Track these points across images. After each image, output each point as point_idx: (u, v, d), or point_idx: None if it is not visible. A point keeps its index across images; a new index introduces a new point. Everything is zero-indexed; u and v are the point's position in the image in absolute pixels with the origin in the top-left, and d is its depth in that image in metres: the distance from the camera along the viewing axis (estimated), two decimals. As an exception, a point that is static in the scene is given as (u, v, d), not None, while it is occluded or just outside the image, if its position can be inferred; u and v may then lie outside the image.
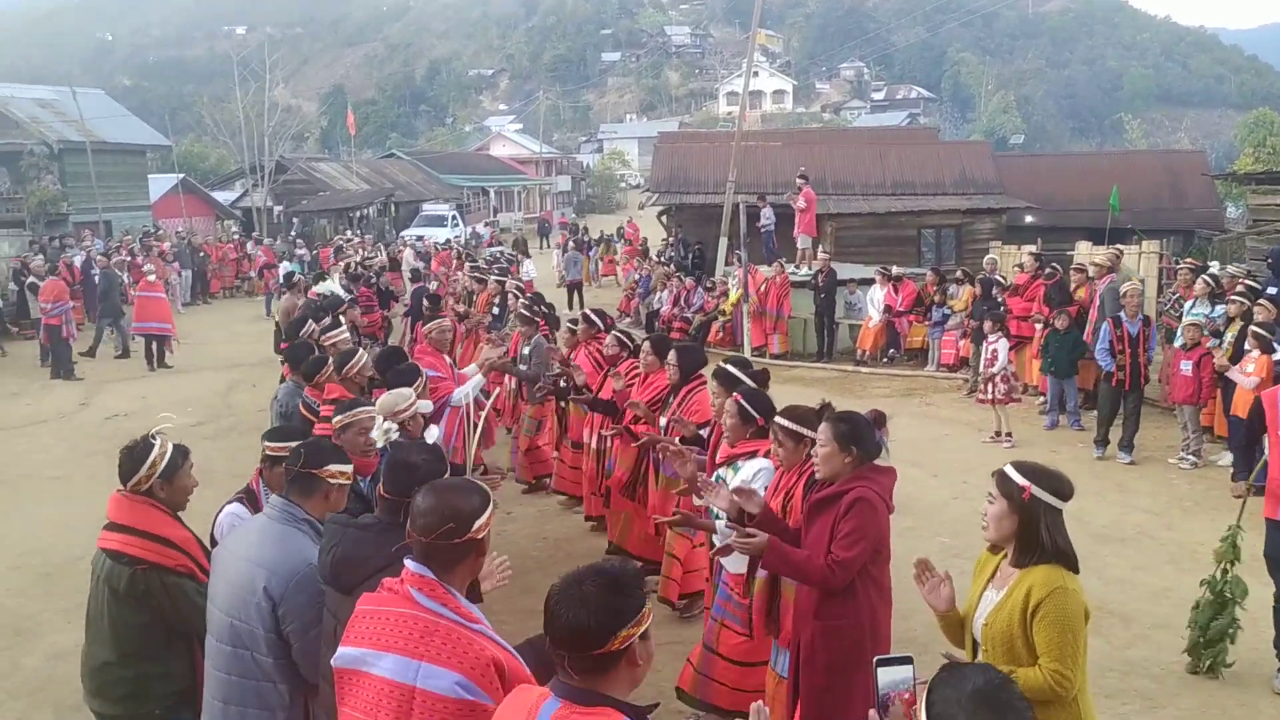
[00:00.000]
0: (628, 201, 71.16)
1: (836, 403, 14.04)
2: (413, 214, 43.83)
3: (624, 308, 24.06)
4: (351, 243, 28.62)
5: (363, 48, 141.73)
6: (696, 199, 25.67)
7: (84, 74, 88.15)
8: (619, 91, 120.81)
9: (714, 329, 18.87)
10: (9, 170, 33.36)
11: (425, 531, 2.70)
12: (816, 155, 26.68)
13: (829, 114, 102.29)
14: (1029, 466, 3.43)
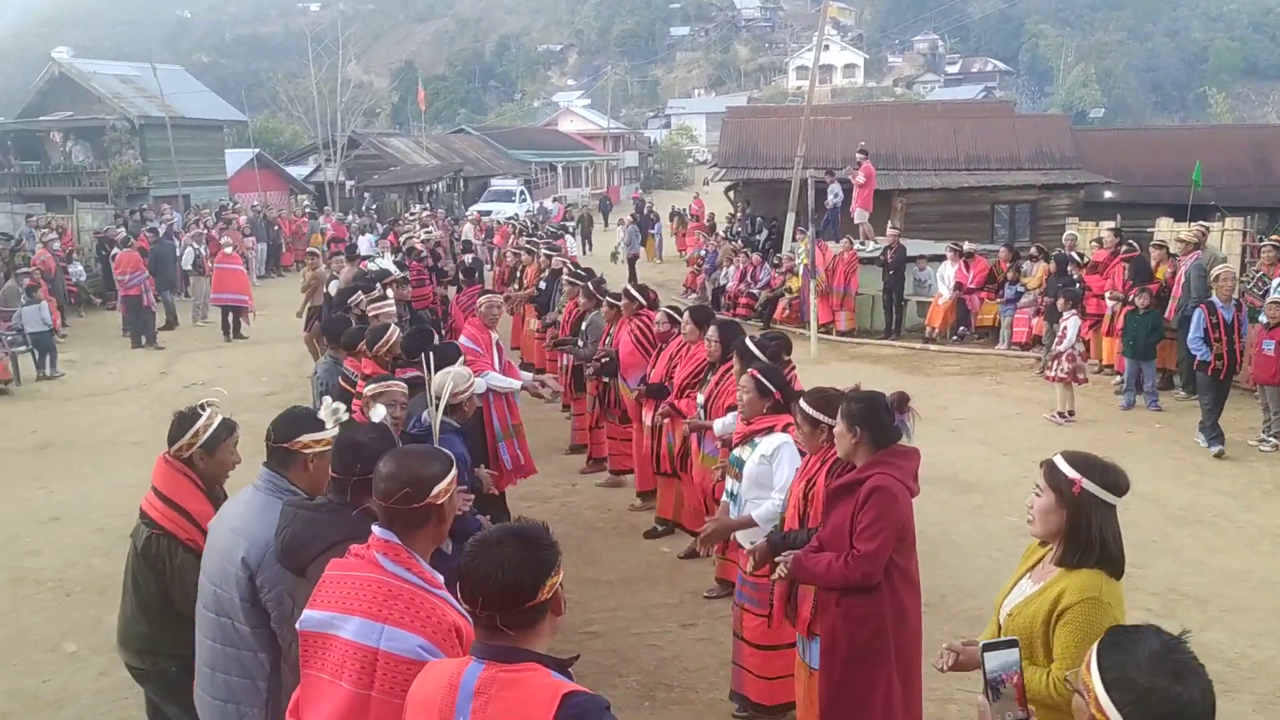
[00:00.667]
0: (694, 177, 70.84)
1: (903, 381, 13.94)
2: (481, 189, 44.14)
3: (690, 284, 24.00)
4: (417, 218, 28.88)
5: (433, 23, 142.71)
6: (764, 174, 25.44)
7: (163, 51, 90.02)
8: (687, 66, 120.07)
9: (780, 305, 18.73)
10: (92, 145, 34.32)
11: (385, 496, 2.76)
12: (887, 130, 26.26)
13: (901, 88, 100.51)
14: (1081, 457, 3.22)
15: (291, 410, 3.77)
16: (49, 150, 35.00)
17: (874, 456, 4.03)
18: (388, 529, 2.76)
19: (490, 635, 2.29)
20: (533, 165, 52.36)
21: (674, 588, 7.20)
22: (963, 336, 16.55)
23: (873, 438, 4.04)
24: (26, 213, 28.30)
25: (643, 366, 8.18)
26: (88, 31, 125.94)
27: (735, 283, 20.27)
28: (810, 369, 14.97)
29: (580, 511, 8.77)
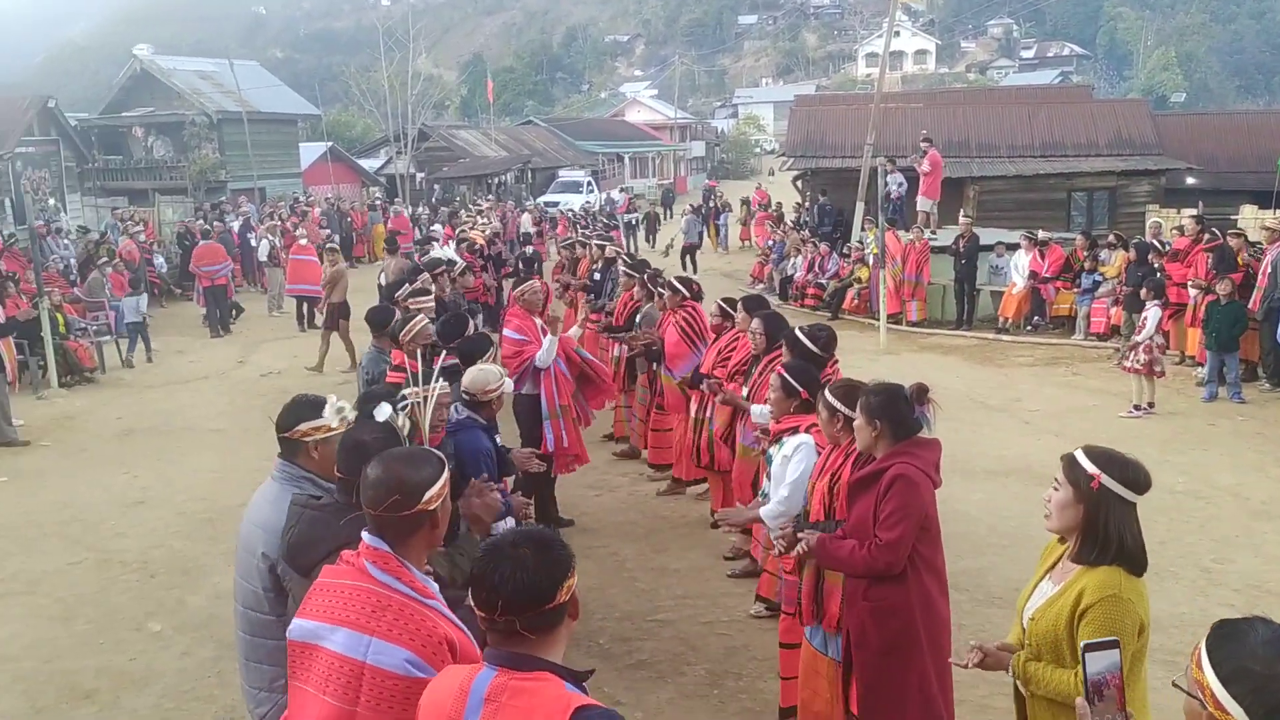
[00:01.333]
0: (762, 167, 70.44)
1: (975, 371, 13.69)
2: (549, 180, 44.40)
3: (757, 274, 23.91)
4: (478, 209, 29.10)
5: (501, 16, 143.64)
6: (833, 163, 25.17)
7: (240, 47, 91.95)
8: (755, 55, 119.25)
9: (849, 296, 18.56)
10: (172, 140, 35.21)
11: (373, 504, 2.65)
12: (960, 116, 25.82)
13: (974, 74, 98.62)
14: (1101, 452, 3.14)
15: (293, 399, 3.78)
16: (131, 145, 35.98)
17: (895, 448, 4.00)
18: (378, 536, 2.64)
19: (507, 641, 2.22)
20: (600, 156, 52.49)
21: (741, 578, 7.18)
22: (1037, 327, 16.24)
23: (892, 430, 4.00)
24: (111, 206, 29.18)
25: (688, 357, 8.14)
26: (168, 29, 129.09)
27: (803, 273, 20.13)
28: (879, 359, 14.85)
29: (648, 500, 8.79)
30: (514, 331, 7.90)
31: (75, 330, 15.34)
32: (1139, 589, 3.02)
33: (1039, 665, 3.14)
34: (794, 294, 20.32)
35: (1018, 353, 15.08)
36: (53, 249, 20.71)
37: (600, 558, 7.52)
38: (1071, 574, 3.10)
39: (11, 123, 26.76)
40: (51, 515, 8.97)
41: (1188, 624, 6.26)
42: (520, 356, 7.74)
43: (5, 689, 5.89)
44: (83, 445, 11.38)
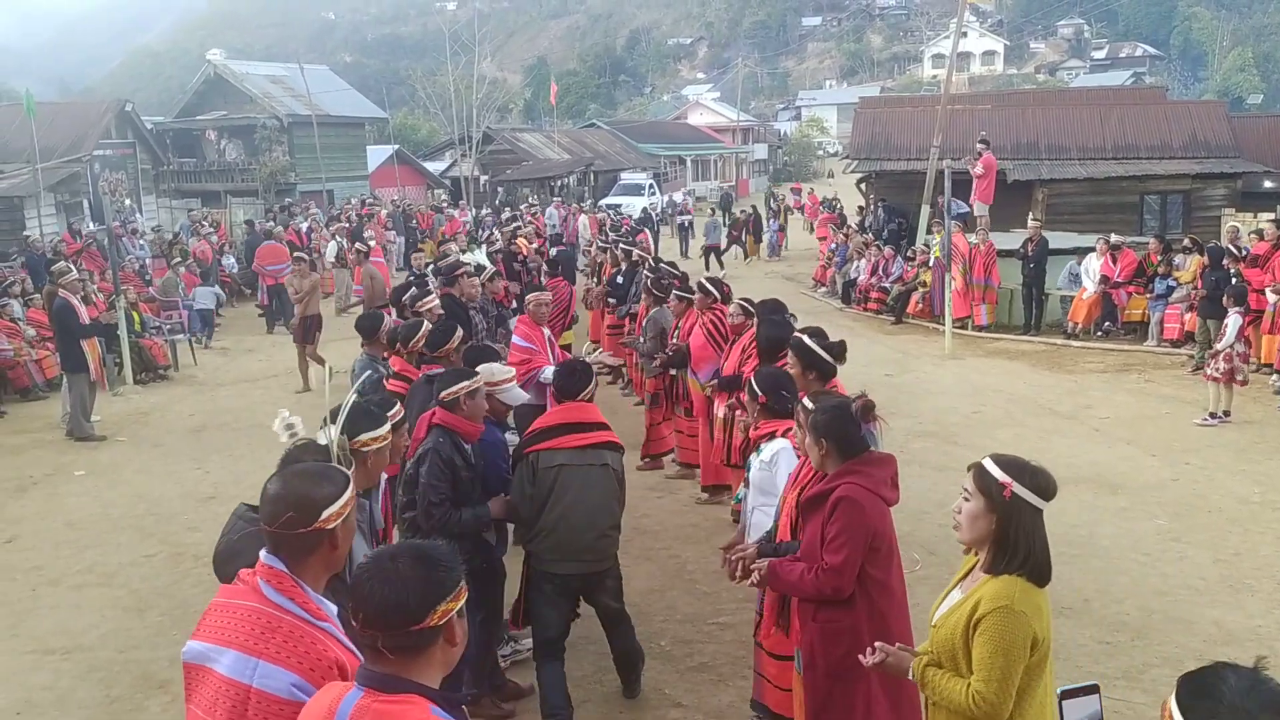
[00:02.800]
0: (824, 169, 69.95)
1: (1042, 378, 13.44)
2: (611, 183, 44.53)
3: (819, 277, 23.74)
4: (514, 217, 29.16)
5: (565, 20, 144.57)
6: (898, 165, 24.92)
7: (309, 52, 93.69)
8: (819, 57, 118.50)
9: (913, 299, 18.34)
10: (244, 143, 35.99)
11: (269, 520, 2.57)
12: (1029, 118, 25.40)
13: (1044, 75, 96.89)
14: (1010, 460, 3.09)
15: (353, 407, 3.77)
16: (204, 148, 36.85)
17: (842, 466, 3.92)
18: (274, 555, 2.56)
19: (374, 659, 2.14)
20: (662, 159, 52.52)
21: (804, 582, 7.12)
22: (1108, 332, 15.89)
23: (838, 449, 3.93)
24: (187, 208, 29.90)
25: (715, 360, 8.09)
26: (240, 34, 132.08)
27: (866, 276, 19.95)
28: (944, 364, 14.67)
29: (710, 504, 8.76)
30: (522, 339, 7.96)
31: (150, 328, 15.74)
32: (1036, 601, 2.97)
33: (938, 672, 3.11)
34: (857, 298, 20.15)
35: (1088, 359, 14.78)
36: (129, 249, 21.26)
37: (661, 560, 7.52)
38: (978, 583, 3.06)
39: (90, 126, 27.57)
40: (127, 509, 9.21)
41: (1264, 638, 6.09)
42: (527, 365, 7.78)
43: (82, 677, 6.06)
44: (157, 441, 11.67)
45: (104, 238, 16.35)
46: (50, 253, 18.46)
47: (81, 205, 25.11)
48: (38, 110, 22.47)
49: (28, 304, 15.53)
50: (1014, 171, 22.10)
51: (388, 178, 39.18)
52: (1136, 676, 5.76)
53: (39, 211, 23.13)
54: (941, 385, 13.37)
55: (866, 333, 17.79)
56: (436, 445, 4.94)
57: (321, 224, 26.35)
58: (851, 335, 17.52)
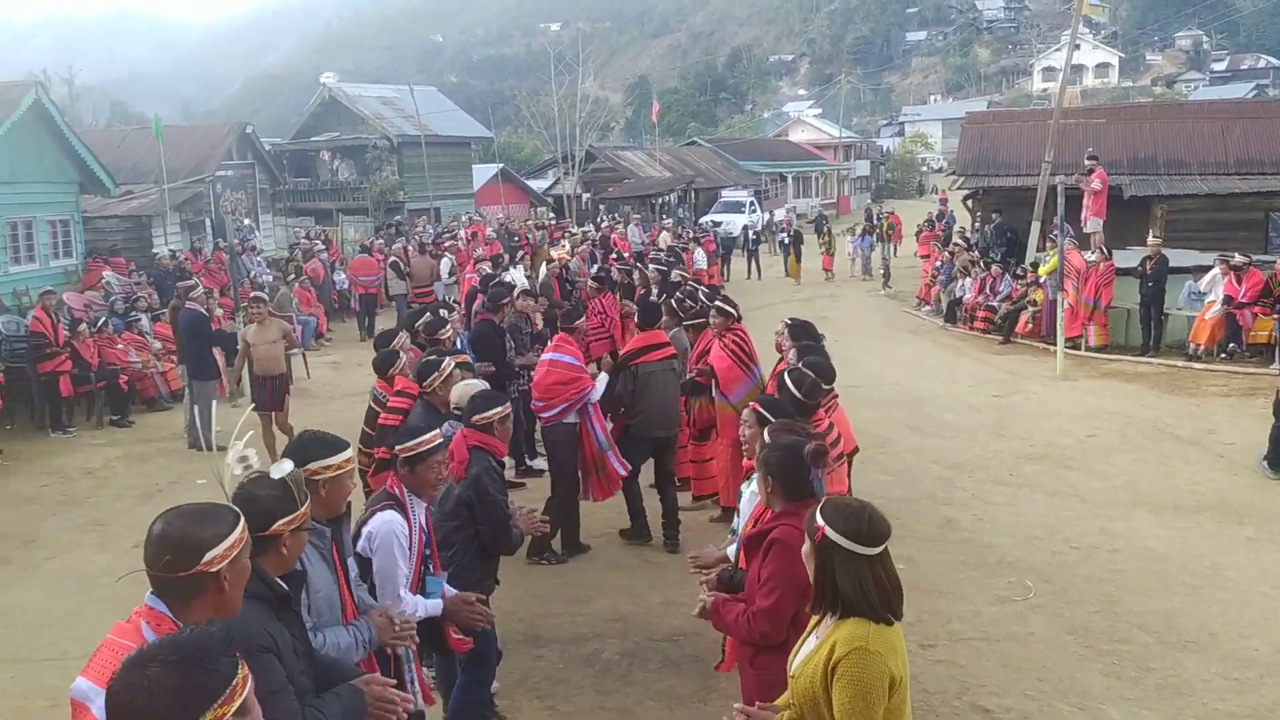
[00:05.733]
0: (928, 185, 68.83)
1: (1162, 401, 12.90)
2: (712, 200, 44.54)
3: (923, 295, 23.33)
4: (608, 225, 29.23)
5: (667, 38, 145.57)
6: (1007, 181, 24.34)
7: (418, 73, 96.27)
8: (923, 72, 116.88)
9: (1022, 319, 17.87)
10: (355, 162, 37.05)
11: (149, 563, 2.45)
12: (1146, 132, 24.55)
13: (1160, 87, 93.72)
14: (837, 504, 3.08)
15: (302, 435, 3.78)
16: (318, 168, 38.04)
17: (785, 508, 3.81)
18: (158, 597, 2.47)
19: None
20: (763, 176, 52.36)
21: (908, 605, 6.92)
22: (1232, 354, 15.22)
23: (784, 489, 3.82)
24: (300, 226, 30.92)
25: (743, 380, 7.97)
26: (352, 57, 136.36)
27: (973, 295, 19.53)
28: (1056, 386, 14.25)
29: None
30: (570, 357, 7.97)
31: (266, 342, 16.26)
32: (889, 640, 2.92)
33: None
34: (963, 316, 19.73)
35: (1210, 382, 14.18)
36: (248, 266, 22.07)
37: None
38: (828, 628, 3.01)
39: (213, 148, 28.69)
40: (244, 516, 9.49)
41: None
42: (577, 385, 7.81)
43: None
44: (271, 452, 12.03)
45: (229, 253, 17.00)
46: (175, 269, 19.27)
47: (204, 224, 26.15)
48: (165, 133, 23.54)
49: (155, 319, 16.22)
50: (1130, 187, 21.38)
51: (492, 196, 39.87)
52: (1265, 716, 5.49)
53: (165, 230, 24.17)
54: (1053, 407, 12.99)
55: (972, 352, 17.41)
56: (488, 466, 5.10)
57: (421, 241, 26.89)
58: (956, 355, 17.28)
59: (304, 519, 3.11)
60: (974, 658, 6.22)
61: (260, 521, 2.98)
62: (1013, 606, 6.97)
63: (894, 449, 11.10)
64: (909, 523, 8.62)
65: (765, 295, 25.11)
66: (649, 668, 6.18)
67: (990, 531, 8.46)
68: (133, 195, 24.25)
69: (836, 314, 21.97)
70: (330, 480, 3.61)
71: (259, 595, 2.92)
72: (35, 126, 19.08)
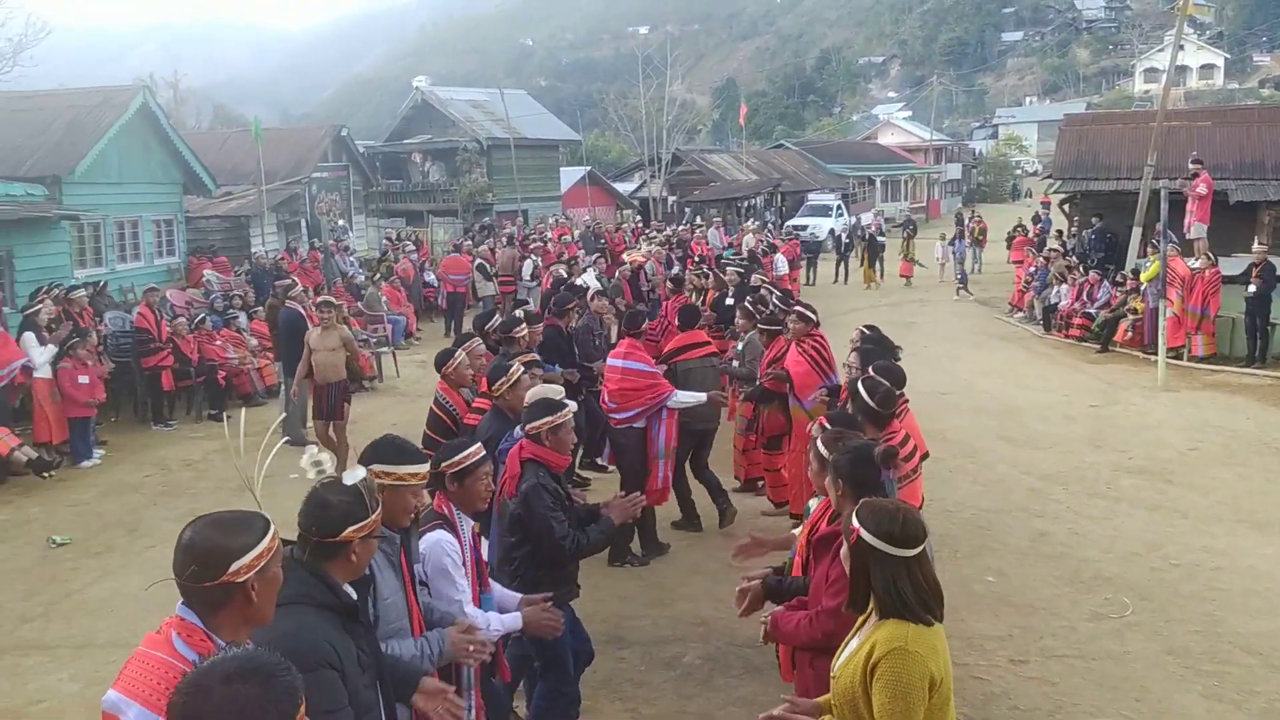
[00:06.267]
0: (1022, 189, 67.33)
1: (1270, 415, 12.40)
2: (798, 204, 44.19)
3: (1015, 302, 22.80)
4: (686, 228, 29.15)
5: (755, 41, 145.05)
6: (1106, 185, 23.66)
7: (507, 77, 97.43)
8: (1019, 73, 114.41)
9: (1121, 327, 17.34)
10: (446, 164, 37.67)
11: (176, 572, 2.46)
12: (1253, 135, 23.60)
13: (1269, 89, 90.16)
14: (873, 506, 3.08)
15: (384, 437, 3.78)
16: (410, 170, 38.77)
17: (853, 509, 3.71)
18: (188, 607, 2.47)
19: None
20: (850, 179, 51.75)
21: (999, 619, 6.84)
22: (1345, 367, 14.56)
23: (853, 492, 3.74)
24: (395, 228, 31.56)
25: (818, 386, 7.86)
26: (444, 61, 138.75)
27: (1070, 301, 19.01)
28: (1157, 397, 13.78)
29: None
30: (641, 363, 7.99)
31: (358, 341, 16.61)
32: (929, 641, 2.91)
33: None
34: (1058, 324, 19.23)
35: (1322, 395, 13.59)
36: (342, 266, 22.59)
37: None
38: (869, 629, 3.03)
39: (309, 150, 29.43)
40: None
41: None
42: (654, 390, 7.83)
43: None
44: (361, 448, 12.25)
45: (324, 252, 17.38)
46: (272, 268, 19.81)
47: (299, 224, 26.84)
48: (263, 135, 24.24)
49: (251, 316, 16.69)
50: (1236, 192, 20.59)
51: (579, 198, 40.15)
52: None
53: (262, 230, 24.89)
54: (1154, 419, 12.56)
55: (1068, 361, 16.95)
56: (540, 480, 4.91)
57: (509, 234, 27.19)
58: (1051, 363, 16.84)
59: (374, 526, 3.10)
60: (1068, 675, 6.04)
61: (331, 527, 3.00)
62: (1109, 624, 6.76)
63: (985, 459, 10.86)
64: (1000, 535, 8.43)
65: (851, 300, 24.82)
66: (731, 673, 6.14)
67: (1086, 546, 8.21)
68: (232, 196, 25.01)
69: (925, 320, 21.60)
70: (388, 488, 3.54)
71: (326, 605, 2.92)
72: (142, 129, 19.80)
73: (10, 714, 6.02)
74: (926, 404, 13.44)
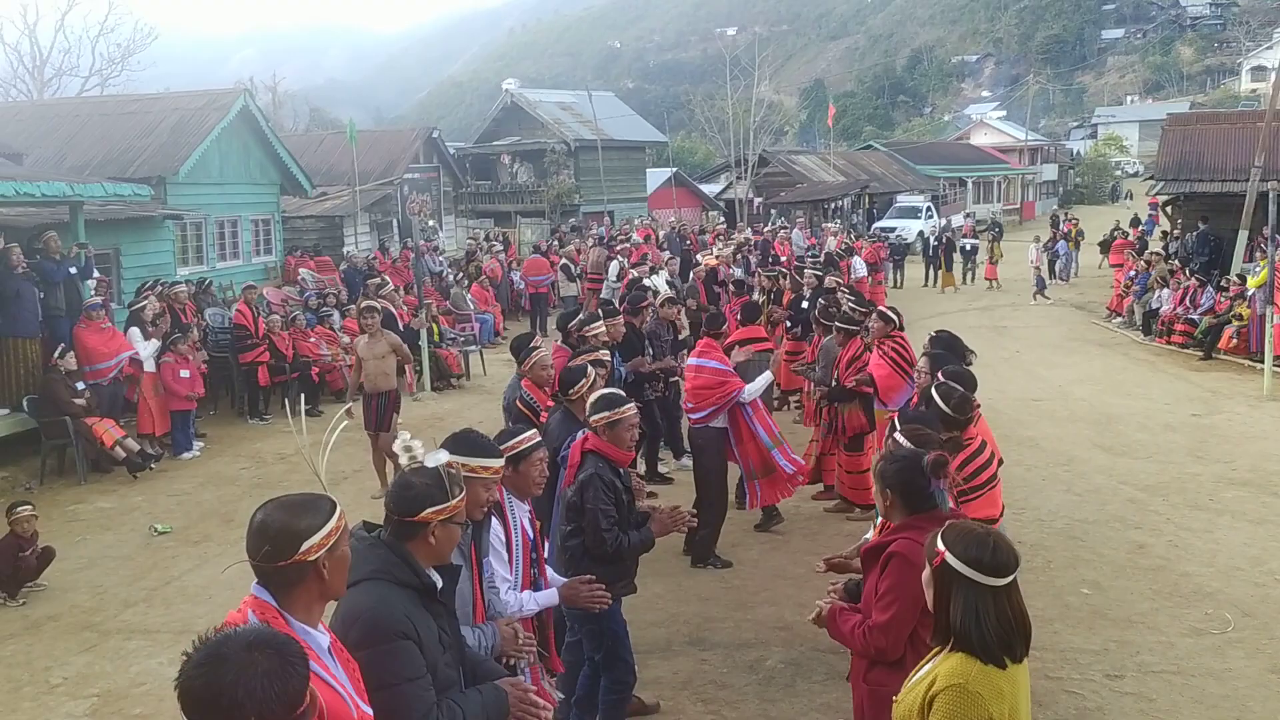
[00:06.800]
0: (1122, 190, 65.40)
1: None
2: (887, 205, 43.59)
3: (1114, 306, 22.15)
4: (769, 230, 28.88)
5: (844, 41, 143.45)
6: (1211, 187, 22.83)
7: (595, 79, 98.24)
8: (1119, 71, 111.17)
9: (1226, 334, 16.71)
10: (534, 166, 38.05)
11: (250, 553, 2.55)
12: (1372, 134, 22.57)
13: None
14: (961, 529, 2.87)
15: (462, 431, 3.85)
16: (499, 171, 39.25)
17: (905, 520, 3.62)
18: (262, 587, 2.56)
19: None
20: (941, 181, 50.86)
21: (1094, 633, 6.64)
22: None
23: (903, 502, 3.63)
24: (483, 228, 32.00)
25: (902, 389, 7.80)
26: (533, 64, 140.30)
27: (1171, 306, 18.39)
28: (1263, 407, 13.26)
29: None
30: (716, 362, 8.01)
31: (447, 340, 16.90)
32: (994, 682, 2.71)
33: None
34: (1159, 329, 18.61)
35: None
36: (431, 266, 22.97)
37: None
38: (938, 657, 2.87)
39: (402, 152, 29.98)
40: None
41: None
42: (725, 388, 7.84)
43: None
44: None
45: (415, 252, 17.69)
46: (365, 267, 20.23)
47: (391, 224, 27.37)
48: (358, 137, 24.77)
49: (344, 314, 17.08)
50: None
51: (665, 199, 40.18)
52: None
53: (355, 230, 25.45)
54: (1259, 430, 12.08)
55: (1169, 368, 16.41)
56: (597, 470, 4.93)
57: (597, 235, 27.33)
58: (1151, 370, 16.31)
59: (455, 510, 3.16)
60: (1166, 692, 5.84)
61: (410, 507, 3.08)
62: (1209, 640, 6.52)
63: (1080, 468, 10.57)
64: (1096, 546, 8.20)
65: (941, 303, 24.40)
66: (813, 679, 6.07)
67: (1186, 560, 7.93)
68: (327, 196, 25.61)
69: (1017, 324, 21.13)
70: (472, 480, 3.61)
71: (405, 583, 3.00)
72: (243, 131, 20.41)
73: (114, 696, 6.25)
74: (1018, 410, 13.19)
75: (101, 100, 25.89)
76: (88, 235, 13.14)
